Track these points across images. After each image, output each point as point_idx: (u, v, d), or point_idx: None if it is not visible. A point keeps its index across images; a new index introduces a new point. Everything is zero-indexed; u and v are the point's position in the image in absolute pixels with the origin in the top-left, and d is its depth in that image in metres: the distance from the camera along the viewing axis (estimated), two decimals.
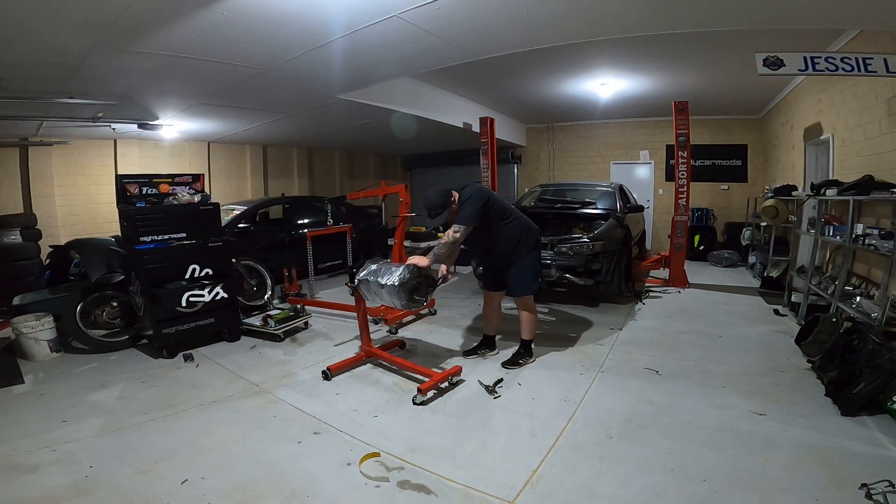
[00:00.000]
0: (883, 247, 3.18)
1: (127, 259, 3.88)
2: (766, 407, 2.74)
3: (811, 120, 5.50)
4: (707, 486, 2.03)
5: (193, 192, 4.17)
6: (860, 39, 4.14)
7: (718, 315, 4.80)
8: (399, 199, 4.77)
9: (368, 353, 3.52)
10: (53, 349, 3.79)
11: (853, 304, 3.43)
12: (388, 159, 12.71)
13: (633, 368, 3.42)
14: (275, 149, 9.38)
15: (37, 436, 2.54)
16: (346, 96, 5.36)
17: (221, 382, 3.29)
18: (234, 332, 4.19)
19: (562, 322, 4.60)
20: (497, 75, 6.12)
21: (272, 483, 2.10)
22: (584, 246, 4.83)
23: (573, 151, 10.32)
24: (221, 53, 3.71)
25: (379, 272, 3.18)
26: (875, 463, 2.14)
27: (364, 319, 3.52)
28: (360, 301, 3.44)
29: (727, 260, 7.80)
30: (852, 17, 3.35)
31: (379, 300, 3.31)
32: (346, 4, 3.00)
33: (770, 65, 3.65)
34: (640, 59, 5.33)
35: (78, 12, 2.80)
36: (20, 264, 5.39)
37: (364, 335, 3.52)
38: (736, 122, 8.79)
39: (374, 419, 2.71)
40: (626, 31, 3.64)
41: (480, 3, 3.08)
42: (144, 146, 7.26)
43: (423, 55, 4.10)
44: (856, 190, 3.60)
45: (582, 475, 2.14)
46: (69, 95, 4.43)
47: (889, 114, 3.70)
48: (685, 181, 6.12)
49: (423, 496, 2.01)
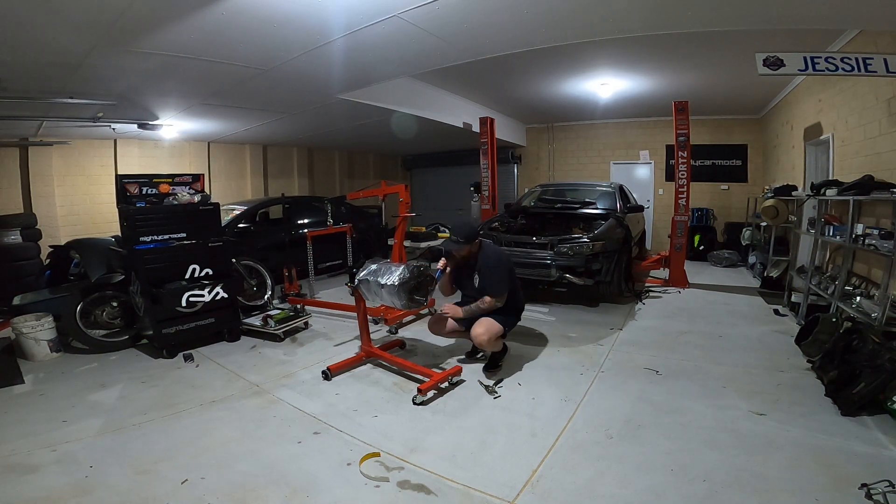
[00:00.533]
0: (883, 247, 3.18)
1: (127, 259, 3.88)
2: (766, 407, 2.74)
3: (811, 120, 5.50)
4: (707, 486, 2.03)
5: (193, 192, 4.17)
6: (860, 39, 4.14)
7: (718, 315, 4.80)
8: (399, 199, 4.77)
9: (368, 353, 3.52)
10: (53, 349, 3.79)
11: (853, 304, 3.43)
12: (388, 159, 12.71)
13: (633, 368, 3.42)
14: (275, 149, 9.38)
15: (37, 436, 2.54)
16: (346, 96, 5.35)
17: (221, 382, 3.29)
18: (234, 332, 4.19)
19: (562, 322, 4.60)
20: (497, 75, 6.12)
21: (272, 483, 2.10)
22: (584, 246, 4.83)
23: (573, 151, 10.32)
24: (221, 53, 3.71)
25: (379, 272, 3.18)
26: (875, 463, 2.14)
27: (364, 319, 3.51)
28: (360, 301, 3.44)
29: (727, 260, 7.80)
30: (852, 17, 3.35)
31: (379, 300, 3.31)
32: (346, 4, 3.00)
33: (770, 65, 3.65)
34: (640, 59, 5.32)
35: (78, 12, 2.80)
36: (20, 264, 5.38)
37: (364, 335, 3.52)
38: (736, 122, 8.78)
39: (374, 419, 2.71)
40: (626, 32, 3.64)
41: (480, 3, 3.08)
42: (144, 146, 7.26)
43: (423, 55, 4.10)
44: (856, 190, 3.60)
45: (582, 475, 2.14)
46: (69, 95, 4.43)
47: (889, 114, 3.70)
48: (685, 181, 6.12)
49: (423, 496, 2.01)
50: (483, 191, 7.57)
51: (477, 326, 3.16)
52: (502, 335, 3.27)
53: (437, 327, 3.55)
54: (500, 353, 3.45)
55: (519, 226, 5.85)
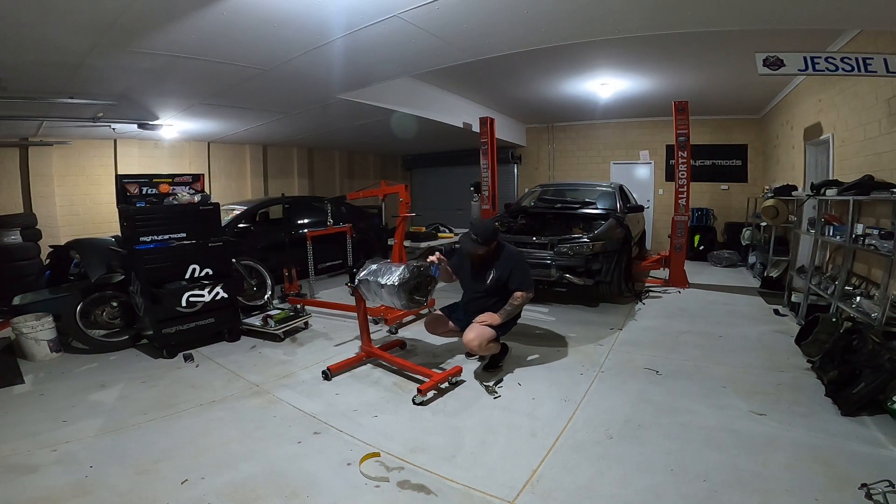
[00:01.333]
0: (883, 247, 3.18)
1: (127, 259, 3.88)
2: (766, 407, 2.74)
3: (811, 120, 5.50)
4: (707, 486, 2.03)
5: (193, 192, 4.17)
6: (860, 39, 4.14)
7: (718, 315, 4.80)
8: (399, 199, 4.77)
9: (368, 353, 3.52)
10: (53, 349, 3.79)
11: (853, 304, 3.43)
12: (388, 159, 12.71)
13: (633, 368, 3.42)
14: (275, 149, 9.38)
15: (37, 436, 2.54)
16: (346, 96, 5.36)
17: (221, 382, 3.29)
18: (234, 332, 4.19)
19: (562, 322, 4.60)
20: (497, 75, 6.12)
21: (272, 483, 2.10)
22: (584, 246, 4.83)
23: (573, 151, 10.32)
24: (221, 53, 3.71)
25: (379, 272, 3.18)
26: (875, 463, 2.14)
27: (364, 319, 3.51)
28: (360, 301, 3.44)
29: (727, 260, 7.80)
30: (852, 17, 3.35)
31: (379, 300, 3.31)
32: (346, 4, 3.00)
33: (770, 65, 3.65)
34: (640, 59, 5.33)
35: (78, 12, 2.80)
36: (20, 264, 5.38)
37: (364, 335, 3.52)
38: (736, 122, 8.78)
39: (374, 419, 2.71)
40: (626, 31, 3.64)
41: (480, 3, 3.08)
42: (144, 146, 7.26)
43: (423, 55, 4.10)
44: (856, 190, 3.60)
45: (582, 475, 2.14)
46: (69, 95, 4.43)
47: (889, 114, 3.70)
48: (685, 181, 6.12)
49: (423, 496, 2.01)
50: (483, 191, 7.57)
51: (469, 332, 3.14)
52: (495, 339, 3.24)
53: (433, 327, 3.54)
54: (500, 355, 3.45)
55: (519, 226, 5.85)
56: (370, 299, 3.37)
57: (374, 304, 3.68)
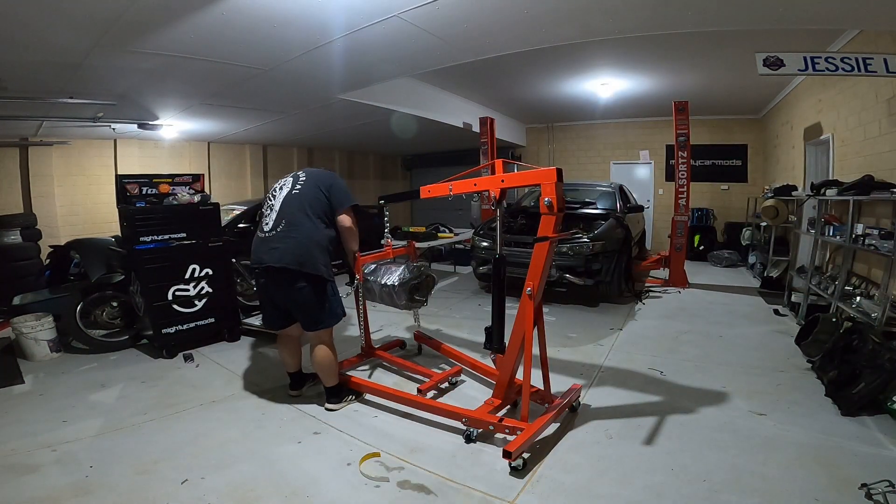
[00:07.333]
0: (883, 247, 3.18)
1: (127, 259, 3.88)
2: (766, 407, 2.74)
3: (811, 120, 5.50)
4: (707, 486, 2.03)
5: (193, 192, 4.17)
6: (860, 39, 4.14)
7: (718, 315, 4.80)
8: None
9: (369, 353, 3.52)
10: (53, 349, 3.79)
11: (853, 304, 3.43)
12: (388, 159, 12.71)
13: (633, 368, 3.41)
14: (275, 149, 9.38)
15: (37, 436, 2.54)
16: (346, 96, 5.36)
17: (221, 382, 3.29)
18: (234, 332, 4.19)
19: (562, 322, 4.60)
20: (497, 75, 6.12)
21: (272, 483, 2.10)
22: (584, 246, 4.83)
23: (573, 151, 10.32)
24: (221, 53, 3.71)
25: (379, 272, 3.18)
26: (875, 463, 2.14)
27: (364, 319, 3.51)
28: (360, 301, 3.43)
29: (727, 260, 7.80)
30: (852, 17, 3.35)
31: (379, 300, 3.31)
32: (346, 4, 3.00)
33: (770, 65, 3.65)
34: (640, 59, 5.33)
35: (78, 12, 2.80)
36: (20, 264, 5.38)
37: (364, 335, 3.52)
38: (736, 122, 8.78)
39: (374, 419, 2.71)
40: (626, 32, 3.64)
41: (480, 3, 3.08)
42: (144, 146, 7.27)
43: (423, 55, 4.10)
44: (856, 190, 3.60)
45: (582, 475, 2.14)
46: (69, 95, 4.43)
47: (889, 114, 3.70)
48: (685, 181, 6.13)
49: (423, 496, 2.01)
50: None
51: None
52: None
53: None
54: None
55: (519, 226, 5.85)
56: (370, 299, 3.36)
57: (375, 304, 3.66)
